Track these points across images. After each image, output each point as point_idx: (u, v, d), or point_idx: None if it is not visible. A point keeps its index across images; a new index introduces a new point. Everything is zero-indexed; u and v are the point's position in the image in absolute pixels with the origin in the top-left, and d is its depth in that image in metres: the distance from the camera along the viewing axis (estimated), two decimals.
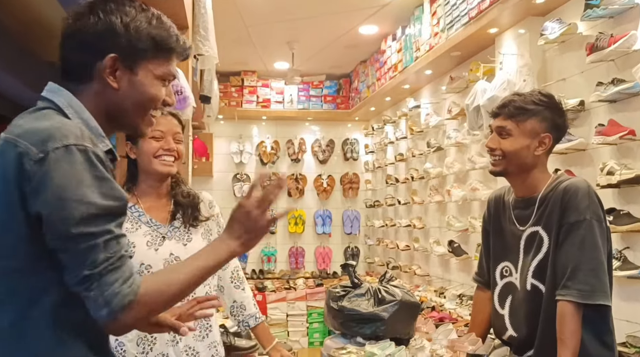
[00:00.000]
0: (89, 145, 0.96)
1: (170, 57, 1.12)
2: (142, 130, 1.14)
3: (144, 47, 1.07)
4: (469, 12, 3.45)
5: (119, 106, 1.09)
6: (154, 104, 1.11)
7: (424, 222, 4.97)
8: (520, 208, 1.78)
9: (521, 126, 1.70)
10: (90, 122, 1.04)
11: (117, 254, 0.94)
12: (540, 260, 1.69)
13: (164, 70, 1.11)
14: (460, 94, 4.17)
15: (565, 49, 2.97)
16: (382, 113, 6.20)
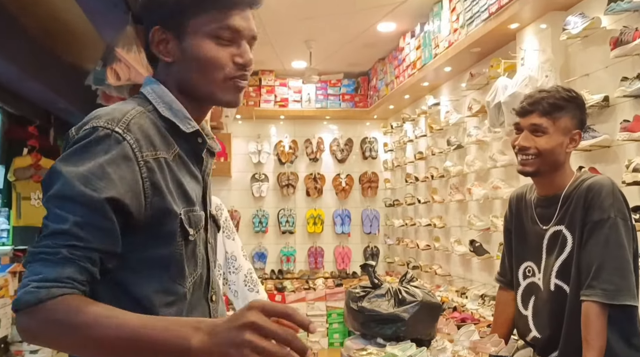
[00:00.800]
0: (119, 129, 0.89)
1: (222, 7, 0.97)
2: (223, 99, 1.00)
3: (183, 6, 0.97)
4: (489, 8, 3.40)
5: (184, 80, 1.01)
6: (216, 67, 0.98)
7: (444, 221, 4.92)
8: (542, 206, 1.75)
9: (557, 123, 1.66)
10: (173, 105, 1.00)
11: (57, 249, 0.81)
12: (564, 260, 1.65)
13: (215, 25, 0.97)
14: (480, 91, 4.12)
15: (589, 44, 2.91)
16: (401, 111, 6.16)
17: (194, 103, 1.03)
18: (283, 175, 6.72)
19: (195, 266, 1.03)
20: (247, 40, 1.01)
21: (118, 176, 0.86)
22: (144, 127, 0.93)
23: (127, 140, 0.89)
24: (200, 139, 1.03)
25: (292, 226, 6.65)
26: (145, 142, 0.92)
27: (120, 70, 2.72)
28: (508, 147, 3.74)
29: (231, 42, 0.99)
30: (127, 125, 0.90)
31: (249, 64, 1.00)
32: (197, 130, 1.02)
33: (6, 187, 4.19)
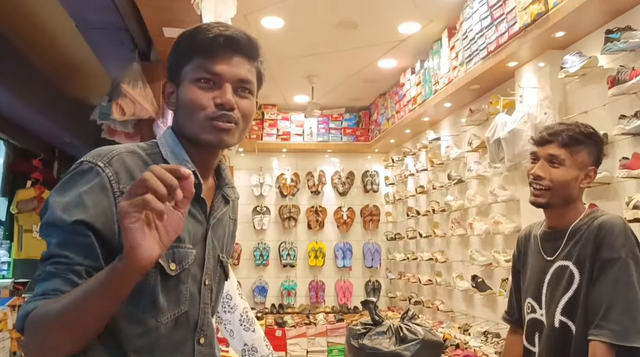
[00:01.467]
0: (101, 163, 0.98)
1: (204, 55, 1.05)
2: (204, 138, 1.05)
3: (176, 60, 1.09)
4: (487, 46, 3.47)
5: (180, 125, 1.09)
6: (197, 108, 1.04)
7: (446, 256, 4.89)
8: (549, 240, 1.73)
9: (574, 156, 1.65)
10: (176, 148, 1.08)
11: (44, 268, 0.91)
12: (571, 297, 1.62)
13: (197, 71, 1.05)
14: (480, 127, 4.16)
15: (587, 82, 2.96)
16: (402, 145, 6.20)
17: (193, 147, 1.09)
18: (284, 207, 6.72)
19: (178, 302, 1.04)
20: (232, 83, 1.06)
21: (92, 203, 0.94)
22: (127, 163, 1.01)
23: (105, 173, 0.97)
24: (196, 181, 1.04)
25: (293, 259, 6.62)
26: (125, 176, 0.99)
27: (125, 106, 2.76)
28: (509, 183, 3.76)
29: (214, 85, 1.05)
30: (109, 160, 0.99)
31: (228, 103, 1.04)
32: (193, 172, 1.01)
33: (8, 219, 4.20)
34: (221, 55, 1.05)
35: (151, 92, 2.81)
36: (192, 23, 2.30)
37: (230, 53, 1.06)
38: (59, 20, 2.97)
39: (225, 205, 1.16)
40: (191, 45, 1.06)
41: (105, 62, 3.17)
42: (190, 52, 1.06)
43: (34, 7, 3.11)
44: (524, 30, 3.04)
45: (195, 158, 1.09)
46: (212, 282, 1.14)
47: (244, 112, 1.07)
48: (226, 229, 1.20)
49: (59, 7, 2.54)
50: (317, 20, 4.07)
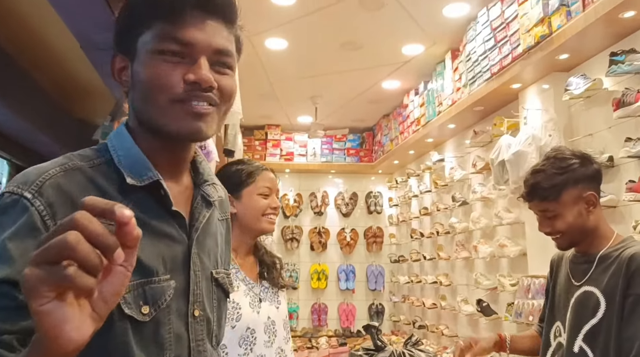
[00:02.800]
0: (28, 193, 0.73)
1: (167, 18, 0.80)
2: (172, 128, 0.81)
3: (129, 25, 0.83)
4: (490, 68, 3.46)
5: (136, 110, 0.85)
6: (159, 87, 0.79)
7: (450, 279, 4.83)
8: (577, 263, 1.70)
9: (561, 201, 1.62)
10: (131, 151, 0.84)
11: None
12: (595, 325, 1.57)
13: (158, 40, 0.80)
14: (484, 148, 4.14)
15: (591, 104, 2.94)
16: (405, 166, 6.18)
17: (156, 140, 0.84)
18: (287, 228, 6.68)
19: (161, 350, 0.81)
20: (208, 56, 0.81)
21: (20, 252, 0.70)
22: (64, 187, 0.76)
23: (35, 207, 0.73)
24: (162, 191, 0.83)
25: (295, 281, 6.55)
26: (63, 206, 0.74)
27: None
28: (513, 205, 3.72)
29: (183, 58, 0.80)
30: (39, 188, 0.74)
31: (205, 81, 0.79)
32: (157, 181, 0.82)
33: None
34: (192, 18, 0.80)
35: None
36: None
37: (204, 15, 0.81)
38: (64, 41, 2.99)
39: (208, 208, 0.92)
40: (151, 5, 0.81)
41: (109, 82, 3.18)
42: (149, 15, 0.80)
43: (39, 27, 3.13)
44: (527, 52, 3.03)
45: (159, 157, 0.85)
46: (208, 310, 0.91)
47: (225, 92, 0.83)
48: (217, 236, 0.97)
49: (64, 28, 2.56)
50: (321, 41, 4.09)
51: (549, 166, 1.67)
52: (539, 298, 3.05)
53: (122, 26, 0.85)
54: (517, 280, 3.50)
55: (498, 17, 3.35)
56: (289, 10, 3.56)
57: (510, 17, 3.22)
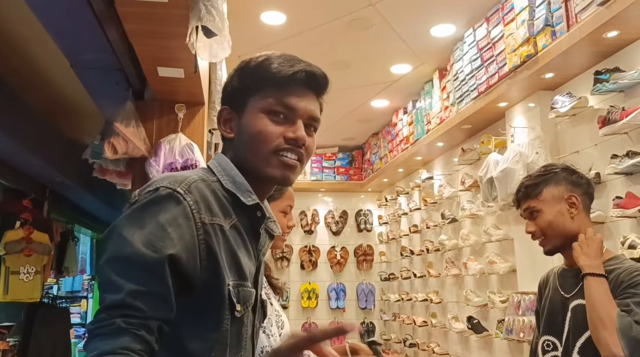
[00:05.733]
0: (180, 190, 0.89)
1: (278, 86, 1.00)
2: (267, 173, 0.99)
3: (245, 87, 1.02)
4: (478, 87, 3.52)
5: (238, 155, 1.02)
6: (263, 140, 0.98)
7: (441, 297, 4.82)
8: (567, 276, 1.73)
9: (541, 198, 1.71)
10: (236, 178, 1.00)
11: (112, 320, 0.77)
12: (588, 338, 1.59)
13: (269, 101, 0.99)
14: (472, 166, 4.18)
15: (577, 122, 2.99)
16: (395, 184, 6.21)
17: (249, 179, 1.01)
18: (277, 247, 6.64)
19: (238, 348, 0.97)
20: (304, 120, 1.01)
21: (178, 235, 0.85)
22: (203, 192, 0.93)
23: (187, 201, 0.89)
24: (259, 213, 1.01)
25: (285, 300, 6.50)
26: (203, 206, 0.91)
27: (117, 144, 2.75)
28: (502, 222, 3.75)
29: (285, 119, 1.00)
30: (188, 187, 0.91)
31: (301, 139, 0.98)
32: (258, 204, 1.00)
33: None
34: (296, 90, 1.00)
35: (144, 131, 2.81)
36: (186, 63, 2.33)
37: (306, 89, 1.02)
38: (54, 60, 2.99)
39: (270, 239, 1.10)
40: (265, 76, 1.00)
41: (99, 102, 3.18)
42: (262, 82, 1.00)
43: (28, 46, 3.13)
44: (513, 71, 3.09)
45: (263, 190, 1.04)
46: (258, 326, 1.08)
47: (309, 149, 1.02)
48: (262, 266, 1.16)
49: (53, 47, 2.56)
50: (311, 60, 4.08)
51: (535, 172, 1.81)
52: (529, 314, 3.06)
53: (235, 87, 1.04)
54: (507, 296, 3.50)
55: (484, 37, 3.42)
56: (279, 30, 3.60)
57: (496, 37, 3.28)
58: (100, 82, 2.84)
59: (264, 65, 1.01)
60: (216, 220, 0.93)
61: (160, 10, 1.96)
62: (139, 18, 2.03)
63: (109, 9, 2.01)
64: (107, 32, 2.19)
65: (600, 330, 1.49)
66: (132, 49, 2.32)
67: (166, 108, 2.88)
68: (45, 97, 3.70)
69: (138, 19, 2.04)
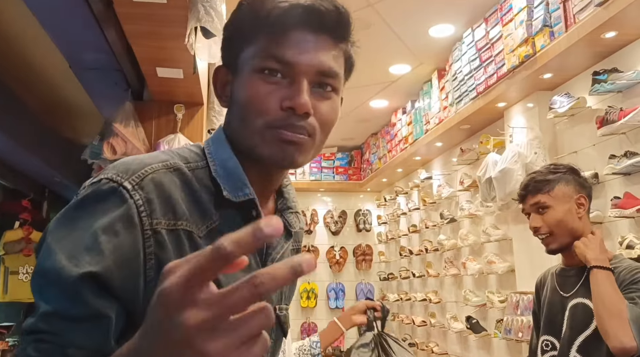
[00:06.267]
0: (128, 184, 0.67)
1: (270, 32, 0.73)
2: (263, 154, 0.74)
3: (233, 37, 0.78)
4: (476, 88, 3.52)
5: (231, 131, 0.79)
6: (256, 110, 0.73)
7: (440, 296, 4.83)
8: (565, 276, 1.74)
9: (553, 194, 1.71)
10: (228, 163, 0.77)
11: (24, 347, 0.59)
12: (588, 336, 1.61)
13: (259, 55, 0.73)
14: (471, 166, 4.18)
15: (576, 122, 2.99)
16: (394, 184, 6.21)
17: (249, 162, 0.77)
18: None
19: None
20: (310, 77, 0.74)
21: (111, 247, 0.63)
22: (164, 186, 0.69)
23: (133, 199, 0.66)
24: (254, 212, 0.76)
25: None
26: (161, 206, 0.68)
27: (116, 145, 2.75)
28: (501, 222, 3.75)
29: (283, 78, 0.73)
30: (141, 180, 0.68)
31: (301, 107, 0.72)
32: (252, 200, 0.76)
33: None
34: (297, 34, 0.73)
35: (143, 131, 2.82)
36: (185, 63, 2.33)
37: (310, 31, 0.73)
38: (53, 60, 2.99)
39: (287, 238, 0.83)
40: (255, 18, 0.74)
41: (97, 102, 3.18)
42: (253, 28, 0.74)
43: (27, 46, 3.13)
44: (512, 72, 3.09)
45: (252, 178, 0.77)
46: (276, 346, 0.87)
47: (323, 119, 0.76)
48: None
49: (52, 48, 2.56)
50: None
51: (543, 168, 1.80)
52: (528, 314, 3.06)
53: (227, 36, 0.80)
54: (506, 296, 3.51)
55: (483, 37, 3.42)
56: None
57: (495, 37, 3.29)
58: (99, 83, 2.84)
59: (256, 4, 0.75)
60: (181, 225, 0.70)
61: (159, 11, 1.96)
62: (138, 19, 2.04)
63: (107, 9, 2.02)
64: (106, 32, 2.19)
65: (609, 321, 1.49)
66: (131, 49, 2.33)
67: (165, 108, 2.88)
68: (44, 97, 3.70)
69: (137, 20, 2.05)
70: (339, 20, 0.75)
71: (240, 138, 0.76)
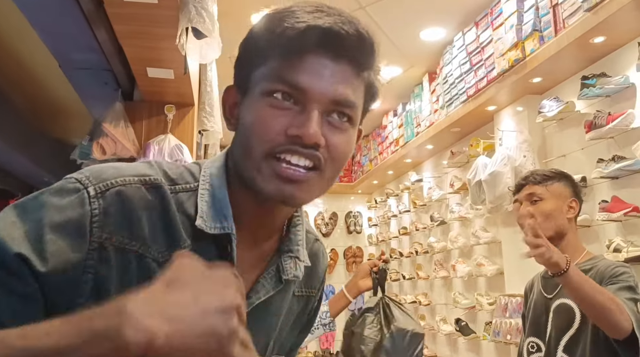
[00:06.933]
0: (92, 190, 0.63)
1: (276, 54, 0.67)
2: (260, 187, 0.67)
3: (246, 56, 0.72)
4: (467, 91, 3.54)
5: (234, 155, 0.72)
6: (259, 136, 0.66)
7: (429, 299, 4.84)
8: (548, 277, 1.75)
9: (550, 189, 1.75)
10: (217, 191, 0.71)
11: None
12: (572, 335, 1.63)
13: (270, 78, 0.67)
14: (461, 169, 4.20)
15: (564, 126, 3.02)
16: (384, 186, 6.23)
17: (249, 195, 0.70)
18: None
19: None
20: (323, 106, 0.67)
21: (55, 249, 0.59)
22: (129, 201, 0.65)
23: (91, 208, 0.62)
24: (229, 247, 0.69)
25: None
26: (117, 221, 0.63)
27: (106, 145, 2.74)
28: (490, 225, 3.77)
29: (294, 105, 0.66)
30: (107, 189, 0.64)
31: (309, 137, 0.64)
32: (228, 235, 0.69)
33: None
34: (313, 58, 0.66)
35: (133, 132, 2.80)
36: (176, 64, 2.33)
37: (328, 56, 0.66)
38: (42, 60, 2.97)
39: (277, 285, 0.76)
40: (269, 37, 0.67)
41: (87, 102, 3.16)
42: (266, 47, 0.67)
43: (16, 45, 3.11)
44: (502, 75, 3.11)
45: (249, 206, 0.71)
46: None
47: (335, 152, 0.68)
48: (282, 316, 0.80)
49: (42, 47, 2.55)
50: None
51: (544, 169, 1.88)
52: (516, 317, 3.08)
53: (240, 54, 0.73)
54: (495, 299, 3.53)
55: (473, 41, 3.44)
56: None
57: (485, 41, 3.31)
58: (89, 83, 2.83)
59: (272, 22, 0.68)
60: (134, 247, 0.64)
61: (150, 12, 1.96)
62: (129, 19, 2.03)
63: (98, 9, 2.01)
64: (96, 32, 2.18)
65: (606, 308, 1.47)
66: (122, 49, 2.32)
67: (155, 109, 2.87)
68: (33, 96, 3.67)
69: (127, 20, 2.04)
70: (361, 46, 0.68)
71: (241, 168, 0.70)
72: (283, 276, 0.76)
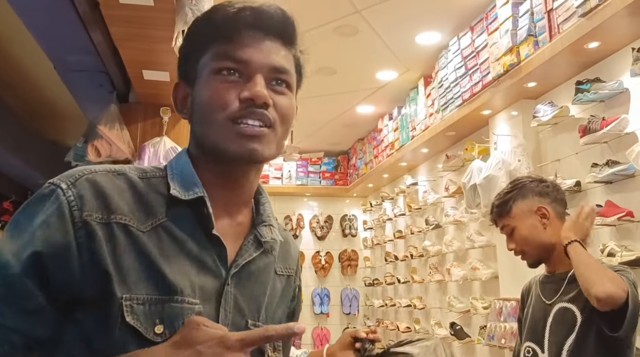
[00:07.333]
0: (64, 185, 0.72)
1: (225, 37, 0.79)
2: (226, 149, 0.77)
3: (190, 51, 0.83)
4: (462, 95, 3.55)
5: (195, 135, 0.83)
6: (216, 107, 0.77)
7: (424, 302, 4.85)
8: (548, 282, 1.75)
9: (512, 215, 1.76)
10: (184, 168, 0.81)
11: None
12: (575, 339, 1.61)
13: (216, 58, 0.78)
14: (456, 172, 4.21)
15: (559, 131, 3.03)
16: (380, 189, 6.23)
17: (214, 164, 0.81)
18: None
19: None
20: (264, 73, 0.79)
21: (44, 237, 0.69)
22: (100, 184, 0.73)
23: (66, 197, 0.71)
24: (205, 210, 0.78)
25: None
26: (94, 201, 0.72)
27: (101, 147, 2.73)
28: (485, 228, 3.78)
29: (240, 77, 0.78)
30: (76, 180, 0.73)
31: (259, 97, 0.76)
32: (200, 198, 0.78)
33: None
34: (248, 36, 0.79)
35: (128, 134, 2.80)
36: (172, 66, 2.32)
37: (261, 34, 0.79)
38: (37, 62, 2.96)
39: (258, 248, 0.83)
40: (209, 28, 0.80)
41: (82, 104, 3.15)
42: (208, 37, 0.80)
43: (11, 47, 3.10)
44: (497, 80, 3.13)
45: (216, 180, 0.81)
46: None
47: (282, 111, 0.80)
48: (267, 288, 0.86)
49: (37, 49, 2.54)
50: None
51: (504, 188, 1.86)
52: (511, 321, 3.08)
53: (185, 53, 0.84)
54: (489, 303, 3.53)
55: (468, 46, 3.46)
56: None
57: (480, 46, 3.32)
58: (84, 85, 2.82)
59: (209, 16, 0.81)
60: (117, 218, 0.72)
61: (146, 14, 1.96)
62: (124, 21, 2.03)
63: (93, 11, 2.01)
64: (92, 34, 2.18)
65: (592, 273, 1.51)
66: (117, 51, 2.31)
67: (151, 111, 2.87)
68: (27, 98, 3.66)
69: (123, 22, 2.04)
70: (286, 23, 0.82)
71: (205, 138, 0.80)
72: (262, 240, 0.85)
